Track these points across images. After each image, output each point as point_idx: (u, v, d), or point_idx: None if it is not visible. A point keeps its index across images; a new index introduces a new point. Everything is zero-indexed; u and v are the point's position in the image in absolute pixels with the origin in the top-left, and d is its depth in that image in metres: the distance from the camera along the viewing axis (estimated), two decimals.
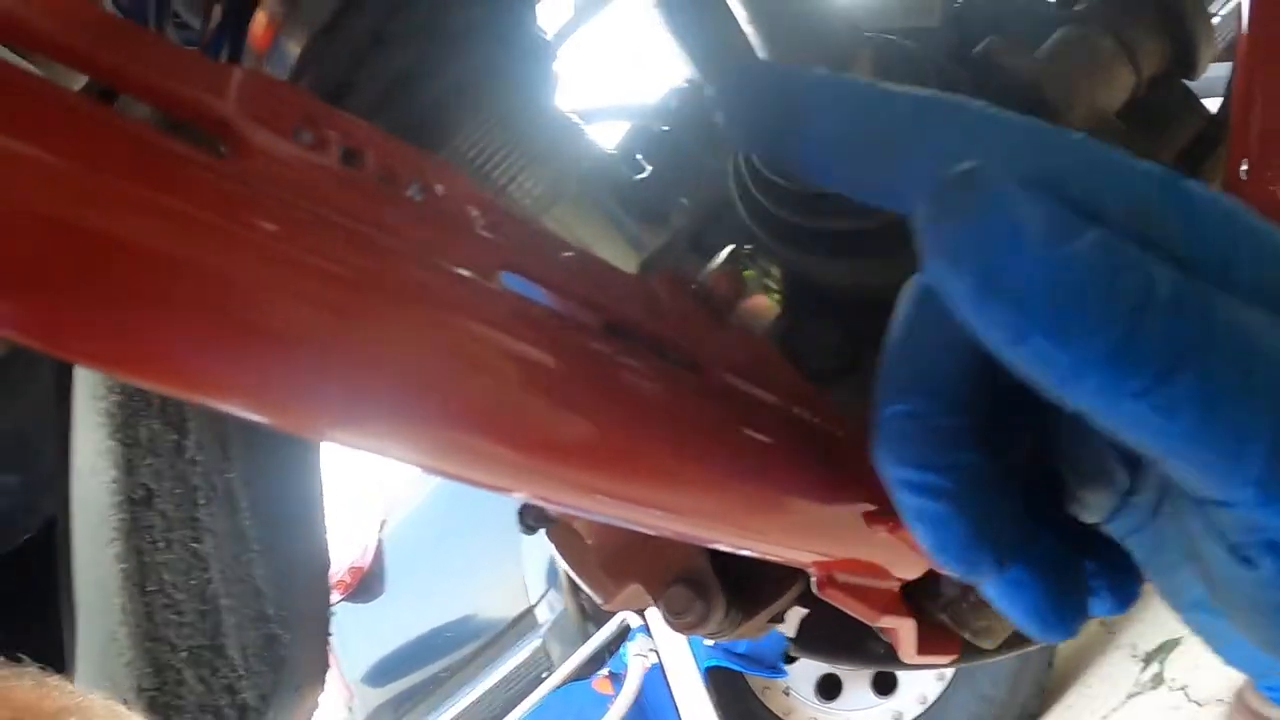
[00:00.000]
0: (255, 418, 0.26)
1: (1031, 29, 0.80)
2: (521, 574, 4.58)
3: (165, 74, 0.27)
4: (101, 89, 0.58)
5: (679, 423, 0.38)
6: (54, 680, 0.75)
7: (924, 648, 0.65)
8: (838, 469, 0.45)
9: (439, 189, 0.33)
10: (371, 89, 0.46)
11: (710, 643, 3.64)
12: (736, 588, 0.75)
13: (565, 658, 4.08)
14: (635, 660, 3.69)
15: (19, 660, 0.74)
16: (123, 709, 0.77)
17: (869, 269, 0.68)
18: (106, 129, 0.24)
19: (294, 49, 0.52)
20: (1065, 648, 3.84)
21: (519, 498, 0.36)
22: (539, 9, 0.57)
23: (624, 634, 3.85)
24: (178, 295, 0.25)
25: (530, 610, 4.55)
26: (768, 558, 0.48)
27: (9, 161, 0.22)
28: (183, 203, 0.25)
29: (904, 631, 0.59)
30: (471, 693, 4.51)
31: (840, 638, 0.82)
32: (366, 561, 5.06)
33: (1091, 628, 4.29)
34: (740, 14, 0.55)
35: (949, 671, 3.74)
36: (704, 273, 0.45)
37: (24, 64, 0.25)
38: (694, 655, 3.63)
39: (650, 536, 0.71)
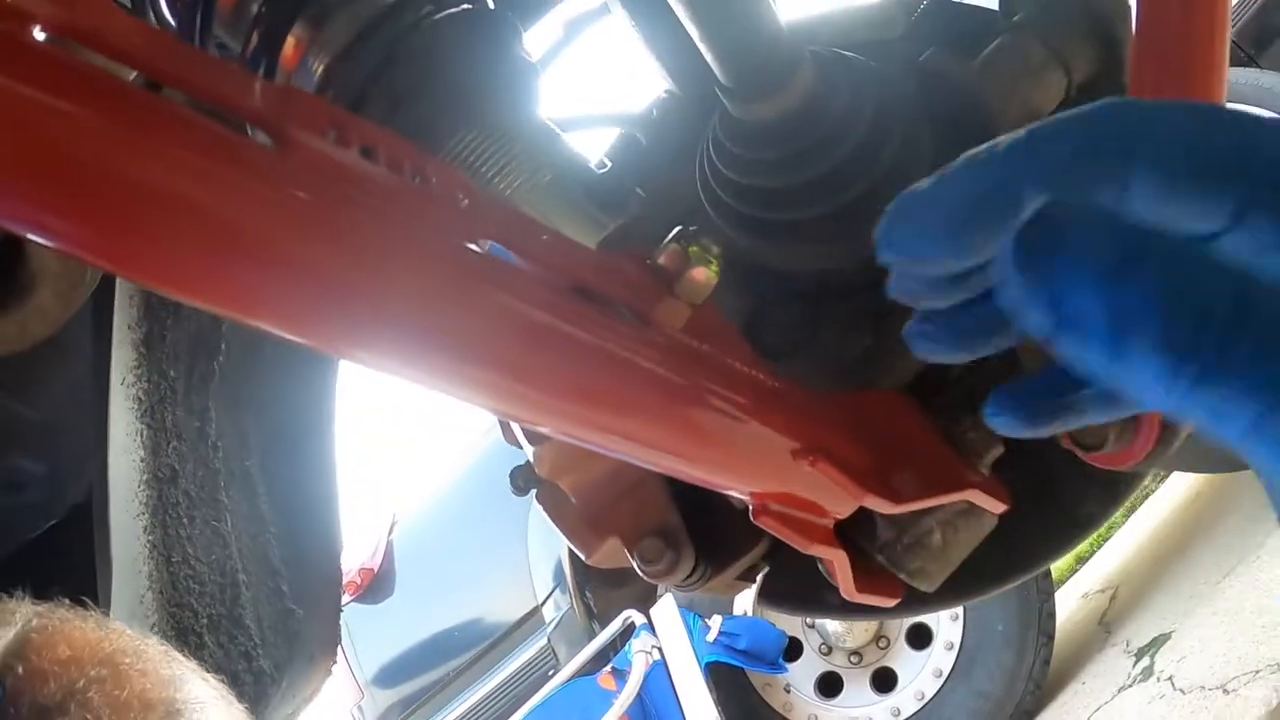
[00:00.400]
0: (296, 336, 0.36)
1: (981, 37, 0.88)
2: (529, 575, 4.65)
3: (229, 87, 0.37)
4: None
5: (631, 362, 0.48)
6: (116, 625, 0.82)
7: (864, 586, 0.73)
8: (768, 411, 0.55)
9: (434, 179, 0.42)
10: (382, 102, 0.56)
11: (712, 639, 3.71)
12: (706, 543, 0.83)
13: (571, 655, 4.16)
14: (639, 657, 3.76)
15: (84, 604, 0.82)
16: (177, 654, 0.85)
17: (819, 254, 0.77)
18: (216, 136, 0.34)
19: (318, 68, 0.62)
20: (1061, 647, 3.91)
21: (499, 414, 0.45)
22: (528, 32, 0.67)
23: (628, 632, 3.92)
24: (256, 245, 0.35)
25: (537, 609, 4.63)
26: (711, 485, 0.57)
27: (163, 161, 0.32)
28: (253, 180, 0.35)
29: (839, 564, 0.68)
30: (479, 689, 4.59)
31: (799, 591, 0.91)
32: (376, 563, 5.13)
33: (1089, 628, 4.36)
34: (693, 33, 0.64)
35: (946, 668, 3.82)
36: (657, 249, 0.54)
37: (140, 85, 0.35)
38: (696, 652, 3.69)
39: (629, 495, 0.80)
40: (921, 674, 3.88)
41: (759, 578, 0.92)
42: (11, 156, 0.31)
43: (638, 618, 3.86)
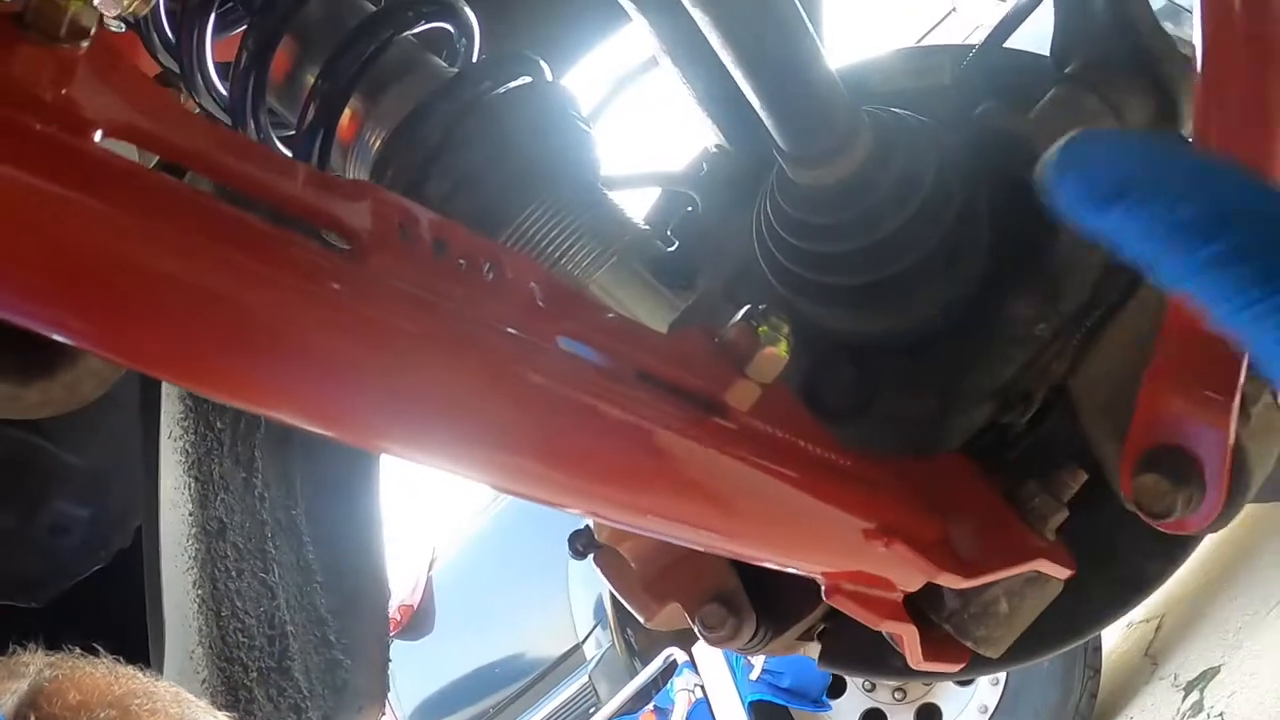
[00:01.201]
0: (378, 446, 0.36)
1: (1033, 85, 0.87)
2: (569, 611, 4.63)
3: (309, 192, 0.37)
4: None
5: (698, 452, 0.47)
6: (127, 669, 0.83)
7: (931, 654, 0.72)
8: (841, 492, 0.54)
9: (507, 271, 0.42)
10: (445, 182, 0.56)
11: (755, 677, 3.68)
12: (766, 606, 0.82)
13: (612, 693, 4.13)
14: (681, 695, 3.73)
15: (95, 652, 0.83)
16: (189, 695, 0.86)
17: (875, 318, 0.76)
18: (290, 249, 0.33)
19: (375, 142, 0.62)
20: (1108, 679, 3.85)
21: (573, 512, 0.45)
22: (569, 71, 0.65)
23: (670, 669, 3.90)
24: (339, 358, 0.34)
25: (578, 647, 4.60)
26: (782, 567, 0.56)
27: (223, 270, 0.31)
28: (331, 288, 0.34)
29: (908, 637, 0.67)
30: None
31: (862, 653, 0.89)
32: (416, 599, 5.13)
33: (1134, 659, 4.29)
34: (751, 97, 0.63)
35: (991, 704, 3.76)
36: (725, 329, 0.53)
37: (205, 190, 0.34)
38: (738, 690, 3.66)
39: (688, 559, 0.79)
40: (966, 710, 3.83)
41: (820, 639, 0.90)
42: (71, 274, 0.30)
43: (680, 655, 3.83)
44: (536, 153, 0.57)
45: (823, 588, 0.59)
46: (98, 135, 0.33)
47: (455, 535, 5.36)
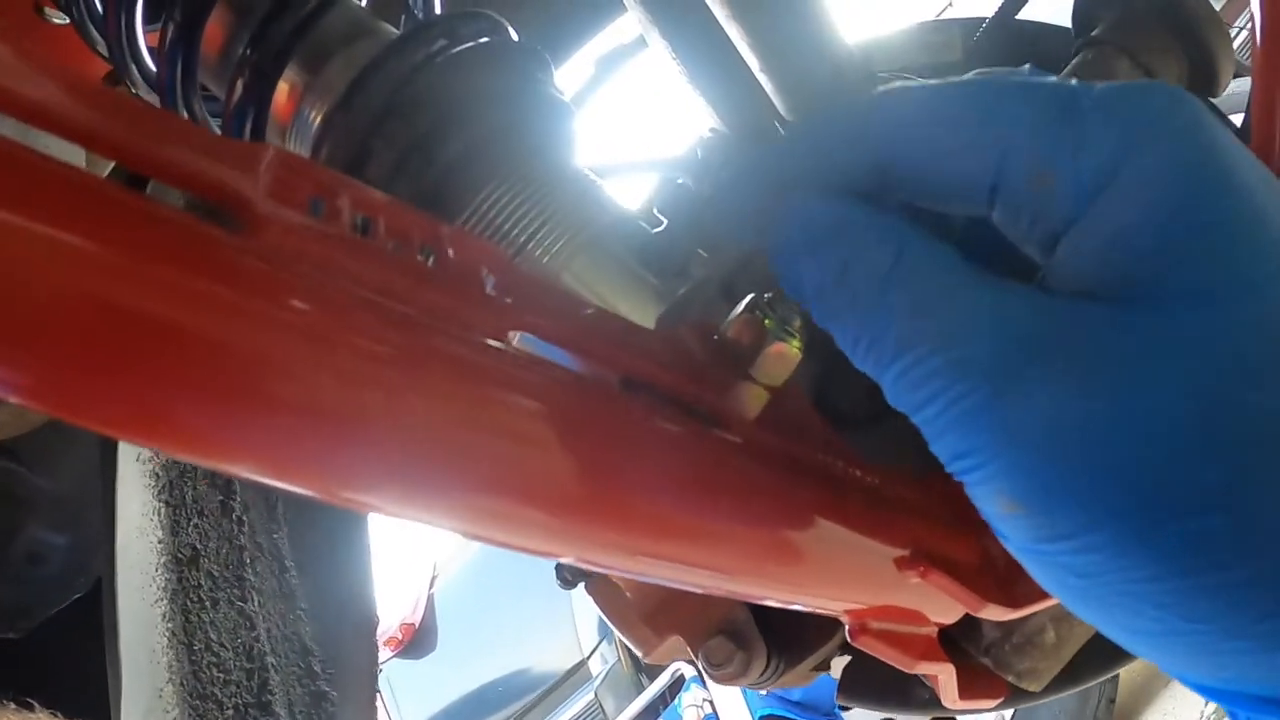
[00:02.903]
0: (261, 478, 0.27)
1: (1050, 55, 0.80)
2: (574, 626, 4.57)
3: (185, 155, 0.28)
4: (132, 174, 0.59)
5: (699, 476, 0.38)
6: (40, 715, 0.76)
7: (968, 692, 0.64)
8: (867, 516, 0.45)
9: (450, 253, 0.33)
10: (388, 157, 0.47)
11: (765, 691, 3.61)
12: (778, 636, 0.74)
13: (619, 709, 4.06)
14: (689, 711, 3.67)
15: (30, 707, 0.75)
16: None
17: None
18: (115, 209, 0.25)
19: (315, 118, 0.53)
20: (1127, 684, 3.77)
21: (542, 555, 0.36)
22: (559, 70, 0.58)
23: (678, 684, 3.83)
24: (192, 367, 0.25)
25: (583, 663, 4.54)
26: (799, 608, 0.48)
27: (24, 242, 0.22)
28: (193, 277, 0.25)
29: (944, 677, 0.58)
30: None
31: (885, 684, 0.81)
32: (418, 617, 5.06)
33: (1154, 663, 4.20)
34: (752, 63, 0.55)
35: (1007, 715, 3.68)
36: (725, 323, 0.45)
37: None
38: (748, 705, 3.59)
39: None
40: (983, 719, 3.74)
41: (839, 670, 0.82)
42: None
43: (687, 670, 3.76)
44: (498, 121, 0.49)
45: (846, 629, 0.50)
46: None
47: (456, 551, 5.28)
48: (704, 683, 3.67)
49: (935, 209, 0.37)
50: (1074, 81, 0.35)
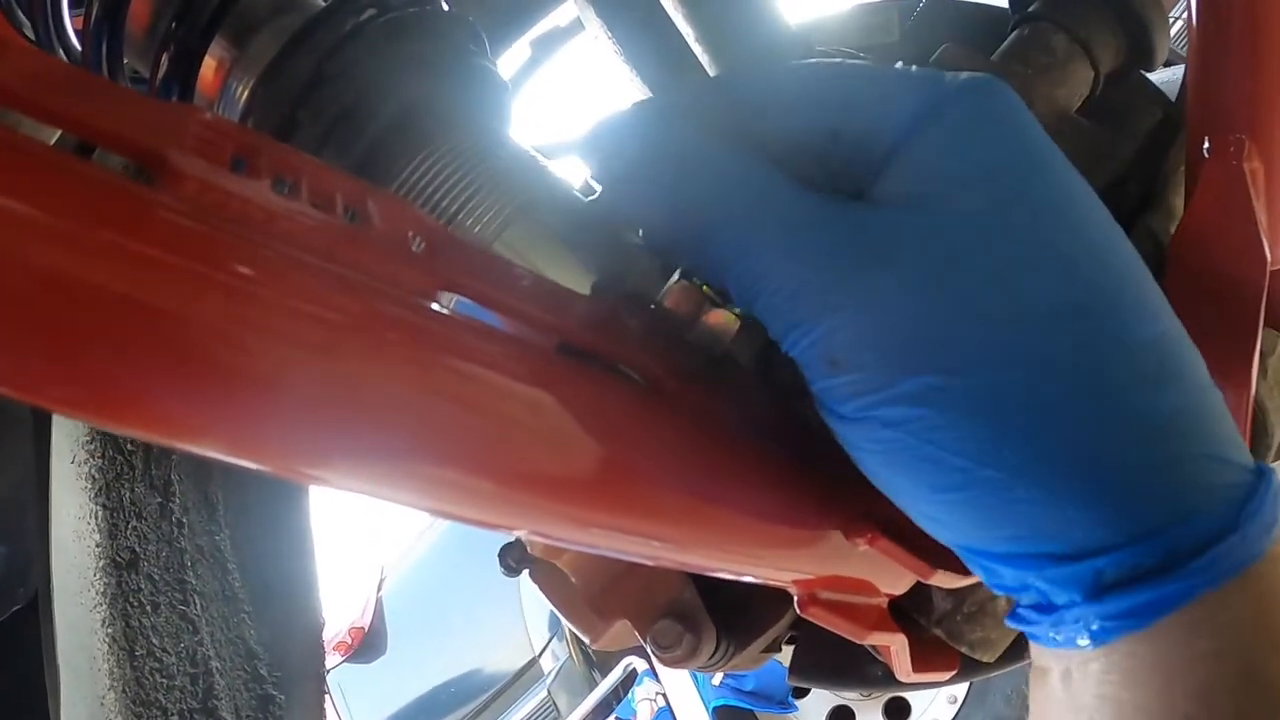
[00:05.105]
0: (174, 441, 0.26)
1: (986, 34, 0.80)
2: (524, 625, 4.55)
3: (103, 114, 0.27)
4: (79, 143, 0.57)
5: (634, 440, 0.37)
6: None
7: (920, 664, 0.63)
8: (812, 481, 0.45)
9: (376, 217, 0.32)
10: (314, 129, 0.46)
11: (717, 682, 3.61)
12: (727, 618, 0.73)
13: (573, 706, 4.04)
14: (643, 705, 3.66)
15: None
16: None
17: None
18: (22, 160, 0.24)
19: (241, 92, 0.52)
20: None
21: (481, 524, 0.35)
22: (500, 56, 0.57)
23: (631, 679, 3.82)
24: (107, 324, 0.24)
25: (535, 661, 4.52)
26: (745, 578, 0.47)
27: None
28: (104, 229, 0.24)
29: (897, 648, 0.58)
30: None
31: (837, 662, 0.81)
32: (367, 621, 5.02)
33: None
34: (687, 32, 0.54)
35: (960, 695, 3.71)
36: (662, 291, 0.44)
37: None
38: (701, 696, 3.59)
39: (636, 571, 0.70)
40: (935, 701, 3.77)
41: (791, 651, 0.82)
42: None
43: (640, 664, 3.75)
44: (426, 91, 0.47)
45: (795, 600, 0.49)
46: None
47: (404, 553, 5.24)
48: (656, 676, 3.67)
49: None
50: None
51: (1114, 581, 0.38)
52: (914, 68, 0.44)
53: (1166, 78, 0.86)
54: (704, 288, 0.43)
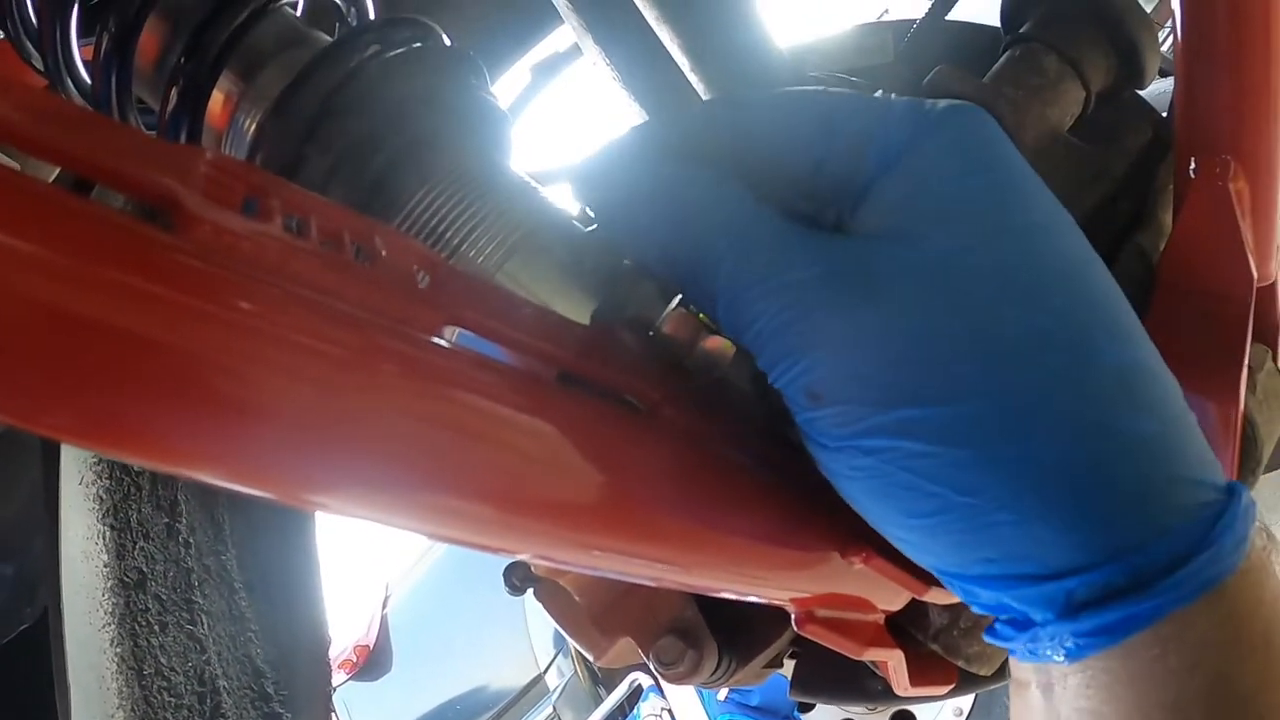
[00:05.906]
0: (191, 474, 0.27)
1: (980, 54, 0.81)
2: (529, 641, 4.55)
3: (119, 157, 0.28)
4: (77, 179, 0.58)
5: (635, 466, 0.39)
6: None
7: (918, 678, 0.64)
8: (808, 503, 0.46)
9: (383, 251, 0.33)
10: (321, 163, 0.47)
11: (723, 697, 3.60)
12: (729, 635, 0.75)
13: None
14: None
15: None
16: None
17: None
18: (41, 206, 0.25)
19: (249, 126, 0.53)
20: None
21: (485, 549, 0.36)
22: (496, 80, 0.58)
23: (636, 695, 3.82)
24: (122, 364, 0.25)
25: (540, 677, 4.52)
26: (743, 598, 0.48)
27: None
28: (121, 273, 0.25)
29: (894, 663, 0.59)
30: None
31: (838, 678, 0.82)
32: (372, 639, 5.02)
33: None
34: (682, 62, 0.56)
35: (966, 706, 3.70)
36: (660, 318, 0.45)
37: None
38: (707, 711, 3.59)
39: (639, 589, 0.71)
40: (941, 713, 3.76)
41: (791, 665, 0.83)
42: None
43: (645, 680, 3.75)
44: (430, 126, 0.49)
45: (792, 618, 0.51)
46: None
47: (408, 570, 5.24)
48: (662, 692, 3.66)
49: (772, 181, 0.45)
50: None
51: (1086, 601, 0.39)
52: (894, 96, 0.45)
53: (1159, 90, 0.87)
54: (701, 315, 0.45)
